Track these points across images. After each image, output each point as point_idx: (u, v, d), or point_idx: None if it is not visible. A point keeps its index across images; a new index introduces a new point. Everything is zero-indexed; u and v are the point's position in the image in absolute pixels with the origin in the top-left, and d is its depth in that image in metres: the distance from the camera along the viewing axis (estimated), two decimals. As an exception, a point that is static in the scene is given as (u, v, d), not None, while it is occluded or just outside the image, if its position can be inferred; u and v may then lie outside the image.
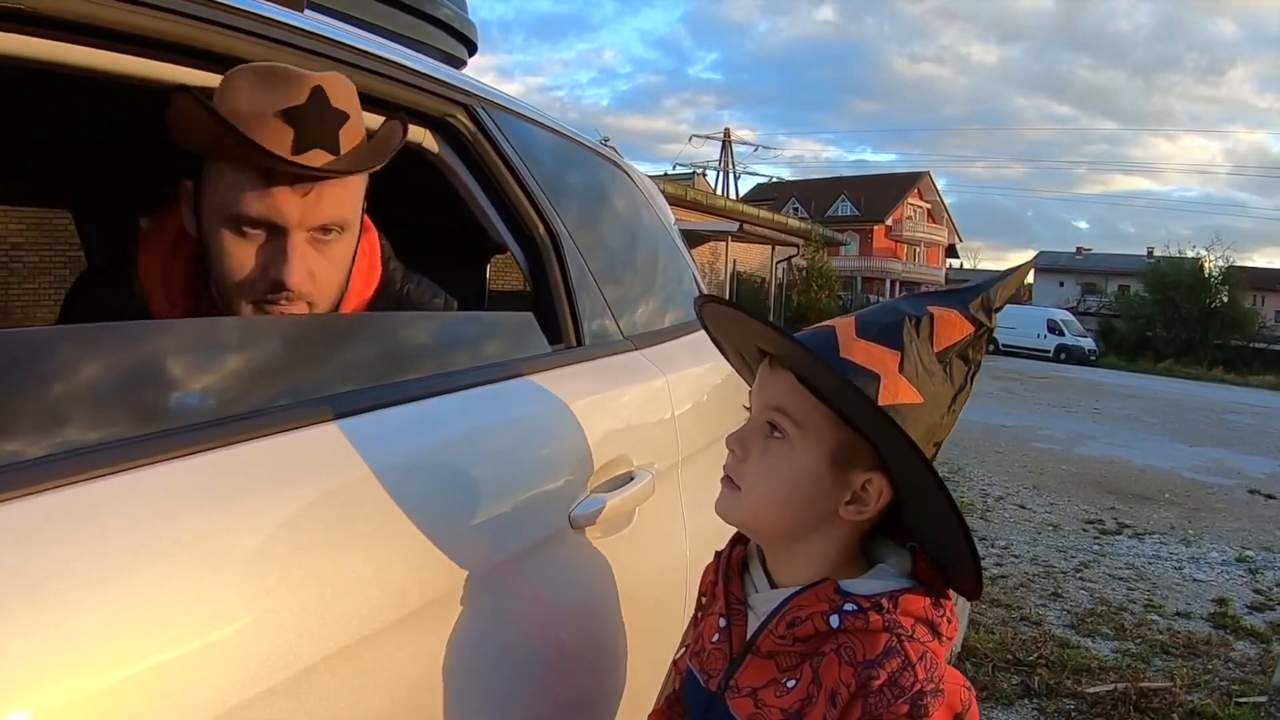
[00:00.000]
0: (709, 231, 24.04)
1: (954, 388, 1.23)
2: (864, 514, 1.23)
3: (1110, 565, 6.95)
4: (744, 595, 1.35)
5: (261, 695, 1.04)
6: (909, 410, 1.17)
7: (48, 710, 0.83)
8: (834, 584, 1.22)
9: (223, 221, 1.44)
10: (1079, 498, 9.52)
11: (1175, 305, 47.63)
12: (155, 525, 1.00)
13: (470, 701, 1.43)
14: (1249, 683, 4.74)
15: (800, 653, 1.22)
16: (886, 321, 1.22)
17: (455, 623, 1.39)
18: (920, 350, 1.20)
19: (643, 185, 2.84)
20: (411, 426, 1.44)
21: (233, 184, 1.41)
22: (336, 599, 1.17)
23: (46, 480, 0.94)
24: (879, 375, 1.17)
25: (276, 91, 1.39)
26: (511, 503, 1.56)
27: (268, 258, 1.45)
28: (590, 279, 2.07)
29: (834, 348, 1.20)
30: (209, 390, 1.20)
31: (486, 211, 1.90)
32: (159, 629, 0.96)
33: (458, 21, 2.30)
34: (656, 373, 2.16)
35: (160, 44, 1.30)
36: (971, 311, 1.24)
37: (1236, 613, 5.96)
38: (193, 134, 1.40)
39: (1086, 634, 5.36)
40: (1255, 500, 10.25)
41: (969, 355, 1.24)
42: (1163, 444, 14.34)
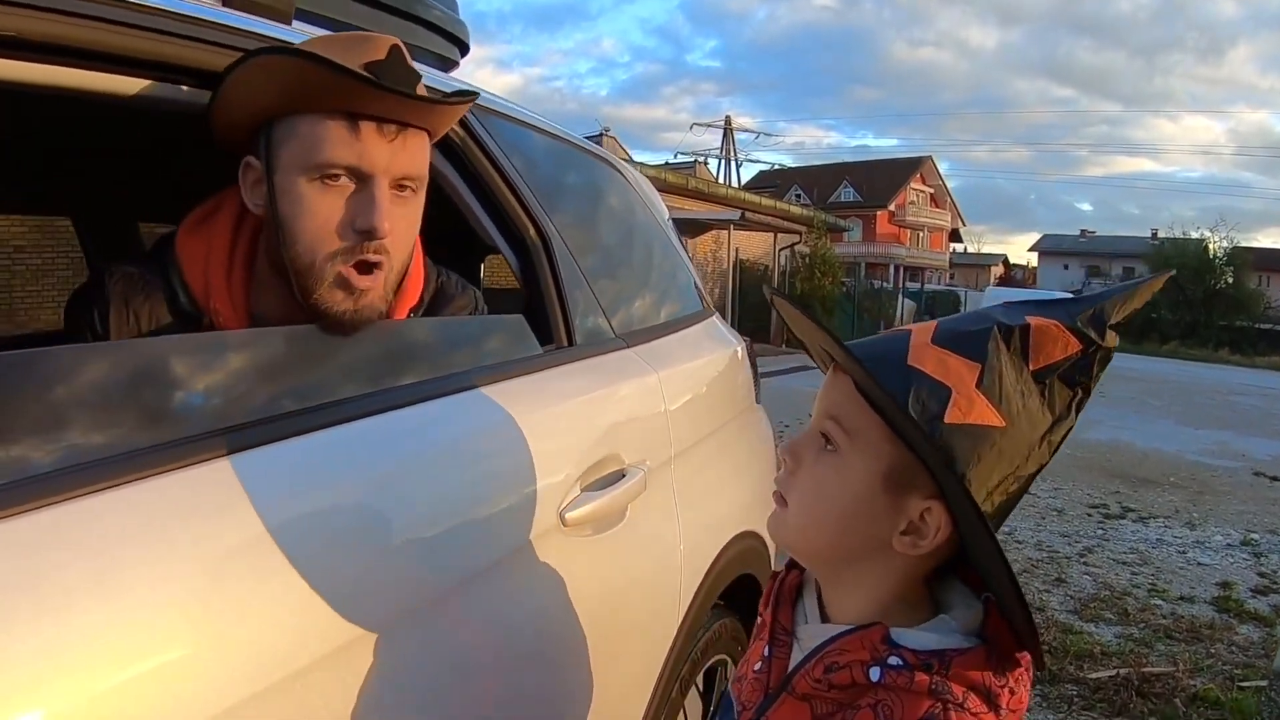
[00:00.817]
0: (711, 220, 23.99)
1: (1051, 415, 1.07)
2: (920, 548, 1.07)
3: (1114, 550, 6.96)
4: (792, 626, 1.21)
5: (258, 695, 1.07)
6: (983, 433, 1.02)
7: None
8: (884, 631, 1.07)
9: (304, 173, 1.42)
10: (1083, 482, 9.52)
11: (1180, 287, 47.42)
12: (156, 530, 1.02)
13: (466, 700, 1.45)
14: (1252, 667, 4.75)
15: (836, 700, 1.07)
16: (971, 329, 1.07)
17: (449, 623, 1.41)
18: (1008, 365, 1.05)
19: (636, 183, 2.85)
20: (400, 432, 1.45)
21: (318, 133, 1.41)
22: (330, 601, 1.19)
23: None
24: (950, 389, 1.02)
25: (357, 48, 1.41)
26: (502, 504, 1.58)
27: (355, 207, 1.43)
28: (581, 278, 2.08)
29: (903, 353, 1.06)
30: (218, 397, 1.23)
31: (477, 214, 1.91)
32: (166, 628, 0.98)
33: (449, 23, 2.30)
34: (648, 370, 2.18)
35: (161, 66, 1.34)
36: (1079, 325, 1.07)
37: (1240, 596, 5.97)
38: (278, 89, 1.39)
39: (1090, 619, 5.37)
40: (1260, 483, 10.25)
41: (1075, 379, 1.07)
42: (1168, 427, 14.34)
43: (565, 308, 1.98)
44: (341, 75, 1.35)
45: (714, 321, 2.98)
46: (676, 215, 17.91)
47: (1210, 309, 47.62)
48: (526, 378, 1.77)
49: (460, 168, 1.88)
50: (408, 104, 1.43)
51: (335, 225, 1.43)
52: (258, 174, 1.48)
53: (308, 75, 1.36)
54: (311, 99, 1.40)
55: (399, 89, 1.40)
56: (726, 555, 2.35)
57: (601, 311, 2.14)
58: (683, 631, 2.14)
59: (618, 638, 1.76)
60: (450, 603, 1.42)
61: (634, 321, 2.34)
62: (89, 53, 1.23)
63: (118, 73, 1.30)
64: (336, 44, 1.43)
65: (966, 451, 1.01)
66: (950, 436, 1.01)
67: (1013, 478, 1.05)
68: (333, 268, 1.44)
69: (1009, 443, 1.03)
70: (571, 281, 2.03)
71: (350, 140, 1.41)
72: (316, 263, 1.44)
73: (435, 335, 1.70)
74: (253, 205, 1.51)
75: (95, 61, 1.25)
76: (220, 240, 1.57)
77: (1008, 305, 1.12)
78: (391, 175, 1.46)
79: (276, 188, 1.45)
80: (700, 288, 3.05)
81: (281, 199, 1.44)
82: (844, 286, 31.93)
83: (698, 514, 2.23)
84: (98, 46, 1.23)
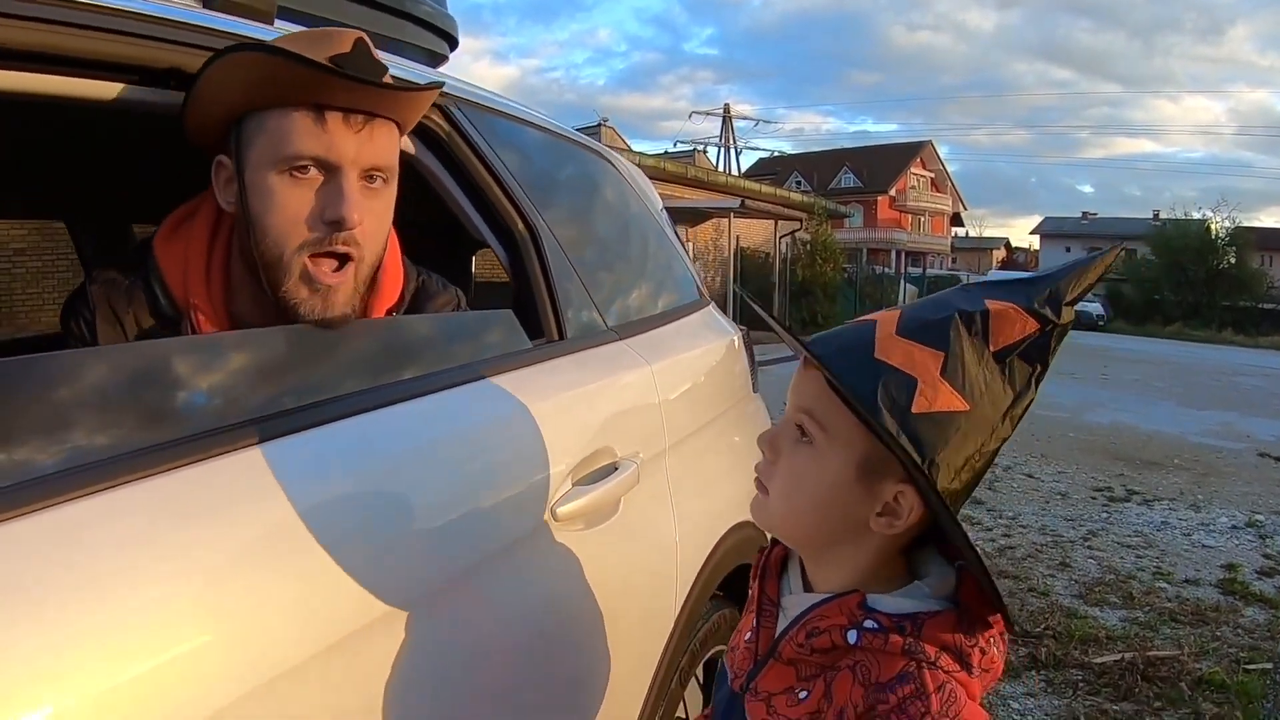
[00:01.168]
0: (711, 209, 23.99)
1: (1013, 392, 1.11)
2: (896, 528, 1.13)
3: (1119, 533, 6.95)
4: (778, 596, 1.28)
5: (246, 695, 1.07)
6: (949, 418, 1.07)
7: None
8: (861, 597, 1.13)
9: (273, 167, 1.43)
10: (1087, 465, 9.52)
11: (1182, 268, 47.45)
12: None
13: (460, 694, 1.45)
14: (1258, 649, 4.74)
15: (819, 664, 1.14)
16: (933, 318, 1.11)
17: (442, 618, 1.41)
18: (969, 350, 1.09)
19: (628, 173, 2.84)
20: (388, 431, 1.45)
21: (285, 127, 1.42)
22: (323, 597, 1.20)
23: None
24: (916, 379, 1.07)
25: (322, 43, 1.42)
26: (492, 500, 1.57)
27: (324, 199, 1.44)
28: (572, 272, 2.08)
29: (869, 347, 1.10)
30: (204, 400, 1.23)
31: (465, 209, 1.91)
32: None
33: (437, 18, 2.29)
34: (641, 362, 2.17)
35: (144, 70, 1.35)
36: (1035, 306, 1.10)
37: (1246, 579, 5.96)
38: (244, 85, 1.40)
39: (1094, 604, 5.36)
40: (1265, 463, 10.24)
41: (1034, 356, 1.11)
42: (1171, 408, 14.34)
43: (555, 301, 1.97)
44: (305, 67, 1.35)
45: (710, 311, 2.98)
46: (676, 204, 17.77)
47: (1213, 290, 47.55)
48: (516, 372, 1.76)
49: (446, 162, 1.88)
50: (373, 93, 1.44)
51: (304, 217, 1.44)
52: (229, 171, 1.49)
53: (273, 70, 1.37)
54: (278, 93, 1.41)
55: (362, 76, 1.40)
56: (724, 546, 2.34)
57: (593, 304, 2.14)
58: (680, 623, 2.14)
59: (613, 630, 1.76)
60: (441, 600, 1.42)
61: (627, 313, 2.34)
62: (75, 60, 1.24)
63: (104, 78, 1.31)
64: (303, 39, 1.44)
65: (933, 438, 1.07)
66: (918, 425, 1.06)
67: (978, 454, 1.10)
68: (299, 260, 1.45)
69: (973, 424, 1.08)
70: (561, 274, 2.02)
71: (317, 132, 1.42)
72: (285, 255, 1.45)
73: (422, 332, 1.70)
74: (225, 203, 1.52)
75: (82, 68, 1.26)
76: (198, 243, 1.58)
77: (966, 288, 1.16)
78: (360, 166, 1.46)
79: (247, 183, 1.46)
80: (696, 277, 3.04)
81: (252, 194, 1.45)
82: (845, 273, 31.95)
83: (694, 505, 2.22)
84: (83, 54, 1.24)
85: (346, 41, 1.43)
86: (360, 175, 1.47)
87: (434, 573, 1.42)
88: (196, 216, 1.61)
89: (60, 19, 1.18)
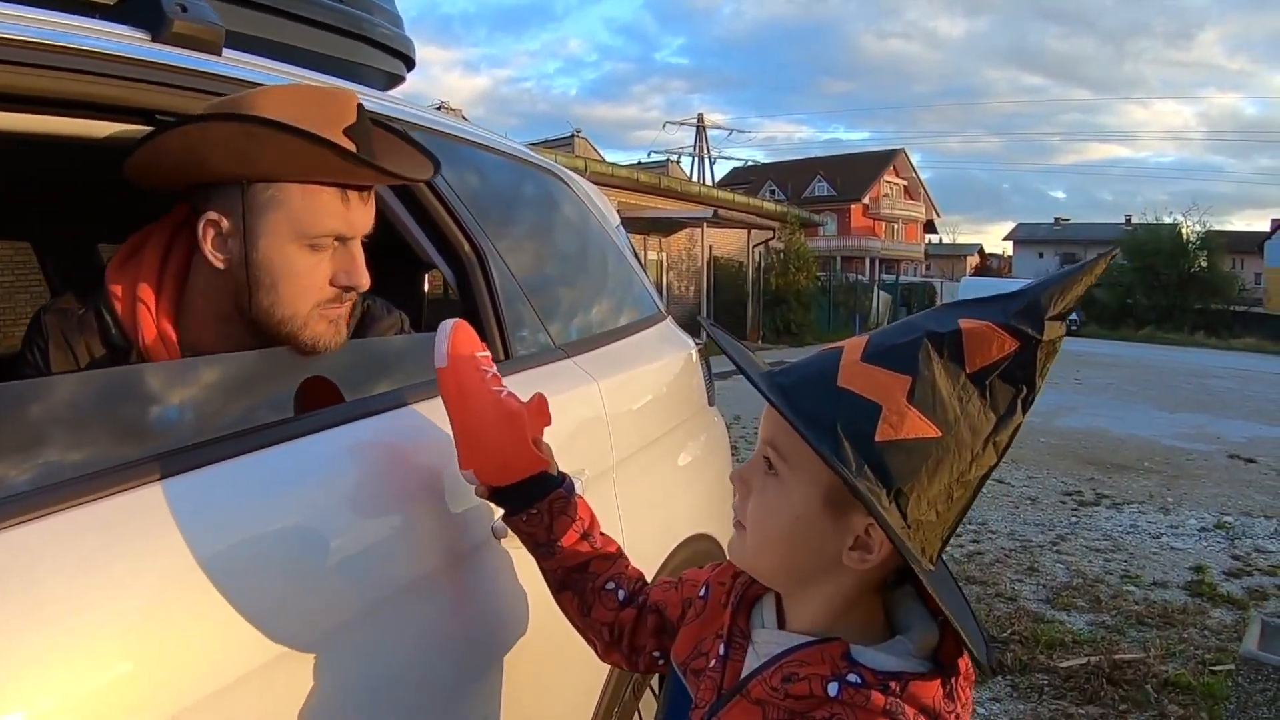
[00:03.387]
0: (685, 219, 24.02)
1: (995, 416, 1.05)
2: (868, 562, 1.08)
3: (1087, 537, 7.01)
4: (749, 629, 1.23)
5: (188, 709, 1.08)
6: (918, 446, 1.02)
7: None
8: (844, 647, 1.09)
9: (294, 241, 1.49)
10: (1058, 470, 9.59)
11: (1155, 272, 47.70)
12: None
13: (403, 713, 1.46)
14: (1224, 650, 4.77)
15: (790, 709, 1.09)
16: (900, 342, 1.06)
17: (382, 635, 1.42)
18: (940, 373, 1.03)
19: (582, 191, 2.85)
20: (330, 452, 1.47)
21: (310, 206, 1.48)
22: (259, 617, 1.20)
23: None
24: (879, 405, 1.02)
25: (330, 110, 1.47)
26: (433, 519, 1.59)
27: (339, 265, 1.54)
28: (519, 291, 2.09)
29: (833, 375, 1.06)
30: (149, 426, 1.27)
31: (413, 232, 1.92)
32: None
33: (394, 40, 2.30)
34: (588, 379, 2.18)
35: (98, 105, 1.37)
36: (1011, 322, 1.04)
37: (1214, 580, 6.01)
38: (263, 157, 1.43)
39: (1062, 608, 5.40)
40: (1235, 465, 10.34)
41: (1017, 375, 1.04)
42: (1143, 412, 14.43)
43: (500, 322, 1.98)
44: (350, 162, 1.44)
45: (667, 325, 2.99)
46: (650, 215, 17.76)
47: (1185, 293, 47.84)
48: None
49: (395, 187, 1.89)
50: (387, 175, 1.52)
51: (320, 282, 1.53)
52: (226, 231, 1.50)
53: (305, 152, 1.41)
54: (305, 170, 1.45)
55: (402, 174, 1.54)
56: (677, 558, 2.35)
57: (541, 324, 2.15)
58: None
59: (557, 646, 1.76)
60: (382, 617, 1.43)
61: (576, 331, 2.36)
62: (29, 98, 1.27)
63: (58, 114, 1.34)
64: (308, 105, 1.47)
65: (902, 467, 1.02)
66: (884, 454, 1.02)
67: (958, 483, 1.05)
68: (313, 314, 1.53)
69: (947, 451, 1.03)
70: (509, 295, 2.04)
71: (342, 211, 1.51)
72: (300, 314, 1.52)
73: (364, 356, 1.72)
74: (213, 258, 1.52)
75: (35, 105, 1.29)
76: (147, 276, 1.60)
77: (940, 309, 1.11)
78: (364, 232, 1.56)
79: (260, 251, 1.49)
80: (653, 292, 3.05)
81: (265, 263, 1.49)
82: (819, 281, 31.98)
83: (643, 520, 2.23)
84: (35, 91, 1.27)
85: (350, 108, 1.50)
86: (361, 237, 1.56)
87: (372, 591, 1.42)
88: (145, 250, 1.63)
89: (14, 59, 1.21)
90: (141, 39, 1.44)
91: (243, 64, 1.61)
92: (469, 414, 1.44)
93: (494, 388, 1.46)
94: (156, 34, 1.46)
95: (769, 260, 28.99)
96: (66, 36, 1.29)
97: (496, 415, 1.43)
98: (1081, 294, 1.07)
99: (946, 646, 1.10)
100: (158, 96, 1.42)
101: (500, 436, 1.43)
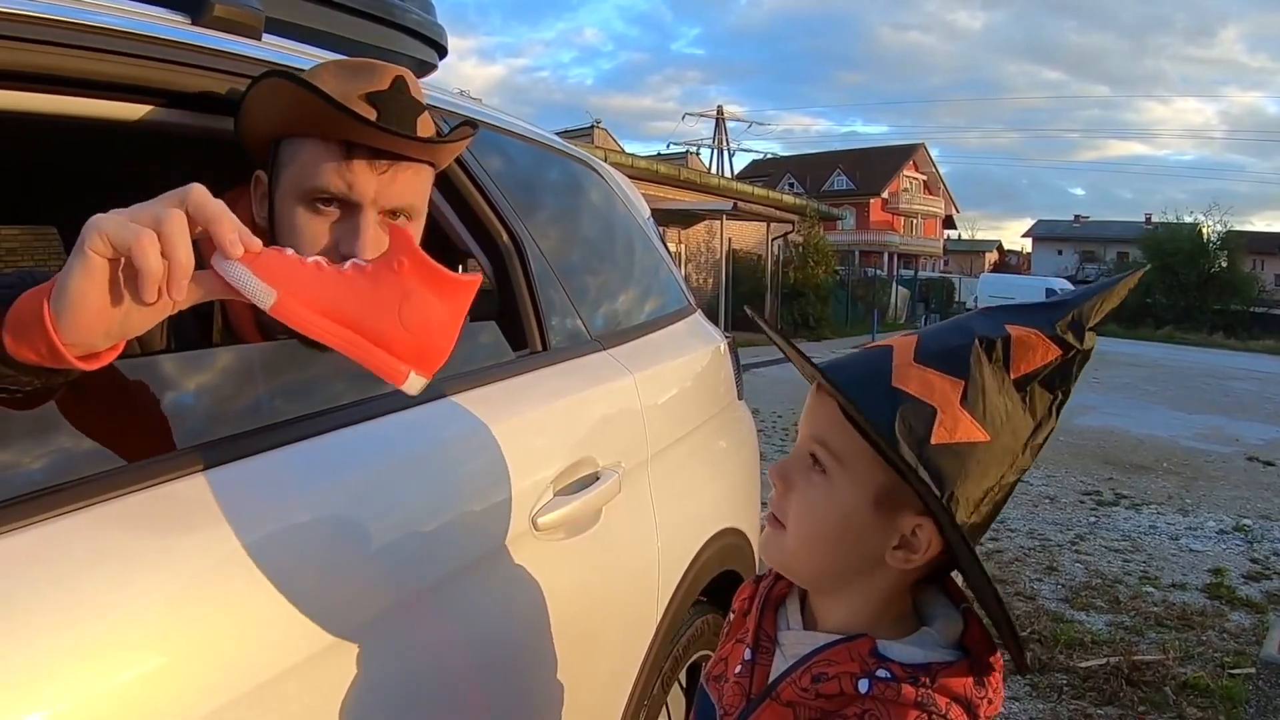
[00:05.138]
0: (704, 211, 23.99)
1: (1033, 421, 1.07)
2: (913, 562, 1.09)
3: (1106, 537, 6.99)
4: (775, 632, 1.23)
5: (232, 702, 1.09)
6: (969, 450, 1.03)
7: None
8: (871, 644, 1.09)
9: (298, 198, 1.45)
10: (1076, 469, 9.56)
11: (1174, 272, 47.42)
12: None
13: (440, 703, 1.47)
14: (1243, 654, 4.76)
15: (821, 709, 1.09)
16: (953, 345, 1.07)
17: (422, 626, 1.43)
18: (990, 378, 1.05)
19: (614, 181, 2.86)
20: (371, 443, 1.47)
21: (312, 160, 1.44)
22: (303, 609, 1.20)
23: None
24: (935, 409, 1.03)
25: (361, 77, 1.44)
26: (472, 510, 1.59)
27: (340, 233, 1.46)
28: (556, 283, 2.09)
29: (886, 374, 1.06)
30: (187, 415, 1.24)
31: (450, 220, 1.92)
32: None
33: (426, 27, 2.30)
34: (624, 372, 2.18)
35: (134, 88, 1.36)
36: (1058, 332, 1.06)
37: (1232, 583, 5.99)
38: (281, 111, 1.43)
39: (1081, 608, 5.39)
40: (1254, 467, 10.29)
41: (1055, 383, 1.07)
42: (1162, 413, 14.38)
43: (539, 312, 1.99)
44: (334, 109, 1.37)
45: (696, 319, 2.99)
46: (669, 206, 17.72)
47: (1204, 293, 47.55)
48: (499, 384, 1.77)
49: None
50: (401, 140, 1.45)
51: (320, 249, 1.45)
52: (264, 189, 1.51)
53: (306, 103, 1.38)
54: (310, 125, 1.43)
55: (389, 128, 1.42)
56: (707, 552, 2.36)
57: (576, 314, 2.15)
58: (662, 629, 2.15)
59: (593, 637, 1.77)
60: (422, 608, 1.44)
61: (610, 323, 2.36)
62: (70, 79, 1.26)
63: (95, 96, 1.32)
64: (345, 70, 1.46)
65: (953, 470, 1.03)
66: (938, 457, 1.03)
67: (998, 487, 1.06)
68: None
69: (994, 455, 1.04)
70: (545, 285, 2.04)
71: (342, 170, 1.43)
72: None
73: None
74: (258, 218, 1.53)
75: (73, 87, 1.28)
76: None
77: (986, 312, 1.12)
78: (380, 206, 1.47)
79: (276, 208, 1.48)
80: (683, 285, 3.05)
81: (279, 218, 1.48)
82: (838, 275, 31.94)
83: (676, 513, 2.24)
84: (78, 73, 1.26)
85: (385, 78, 1.45)
86: (381, 214, 1.48)
87: (414, 580, 1.43)
88: (235, 211, 1.62)
89: (55, 40, 1.20)
90: (182, 22, 1.44)
91: (282, 48, 1.61)
92: (345, 313, 1.08)
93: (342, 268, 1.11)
94: (197, 17, 1.46)
95: (787, 254, 28.94)
96: (105, 18, 1.28)
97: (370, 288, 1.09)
98: (1117, 306, 1.10)
99: (971, 634, 1.12)
100: (197, 80, 1.42)
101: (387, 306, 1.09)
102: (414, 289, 1.09)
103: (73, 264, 0.97)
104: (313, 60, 1.64)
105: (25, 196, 2.63)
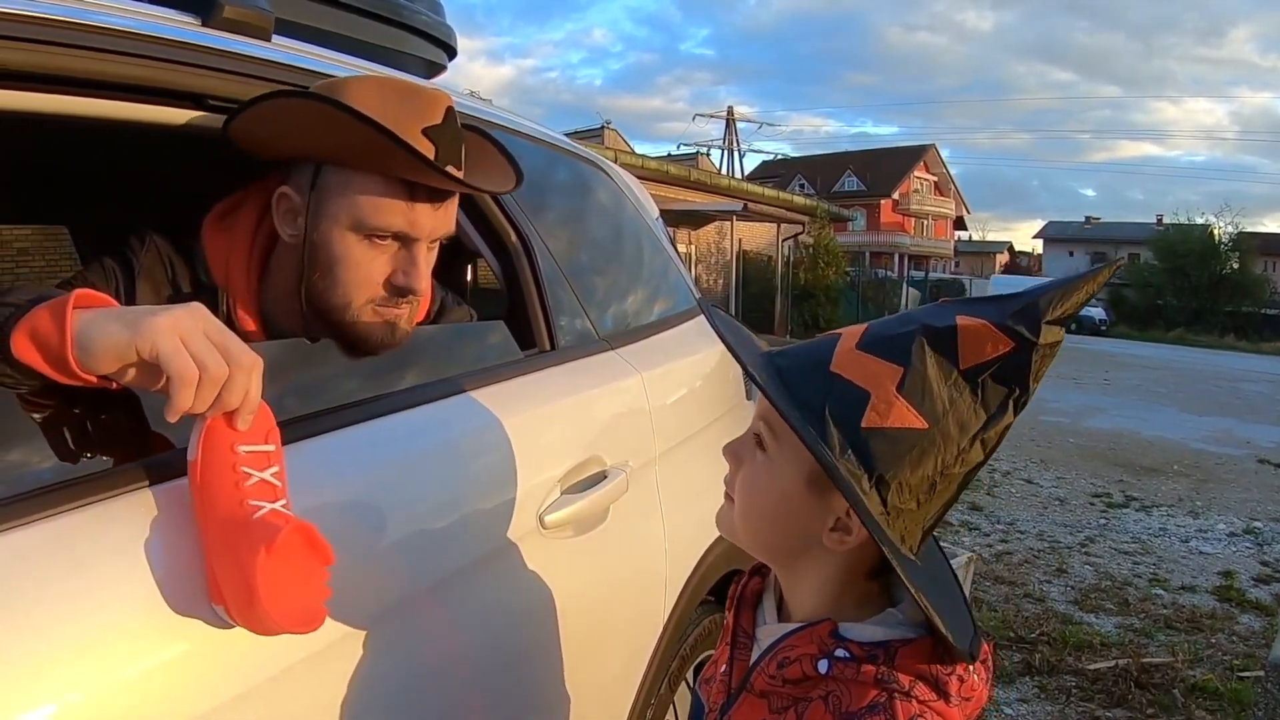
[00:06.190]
0: (714, 211, 23.96)
1: (985, 414, 1.05)
2: (847, 544, 1.09)
3: (1116, 539, 6.96)
4: (753, 628, 1.26)
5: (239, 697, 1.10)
6: (903, 435, 1.03)
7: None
8: (832, 626, 1.10)
9: (353, 228, 1.48)
10: (1086, 471, 9.52)
11: (1185, 273, 47.36)
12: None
13: (446, 699, 1.48)
14: (1252, 656, 4.74)
15: (791, 695, 1.11)
16: (896, 332, 1.08)
17: (429, 623, 1.45)
18: (932, 367, 1.04)
19: (622, 182, 2.86)
20: (378, 439, 1.48)
21: (372, 198, 1.46)
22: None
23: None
24: (868, 393, 1.04)
25: (418, 108, 1.46)
26: (479, 507, 1.60)
27: (396, 265, 1.51)
28: (564, 282, 2.10)
29: (827, 359, 1.08)
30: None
31: (460, 221, 1.91)
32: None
33: (435, 28, 2.30)
34: (632, 371, 2.19)
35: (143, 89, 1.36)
36: (1007, 322, 1.04)
37: (1242, 586, 5.97)
38: (328, 136, 1.44)
39: (1090, 610, 5.37)
40: (1265, 470, 10.23)
41: (1010, 376, 1.04)
42: (1172, 414, 14.32)
43: (547, 311, 2.00)
44: (402, 150, 1.40)
45: (704, 319, 2.97)
46: (679, 207, 17.65)
47: (1216, 295, 47.44)
48: (507, 383, 1.78)
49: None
50: (466, 186, 1.52)
51: (375, 278, 1.50)
52: (296, 208, 1.52)
53: (361, 134, 1.39)
54: (367, 158, 1.45)
55: (471, 184, 1.52)
56: (714, 552, 2.36)
57: (585, 314, 2.16)
58: (669, 628, 2.16)
59: (600, 636, 1.78)
60: (428, 603, 1.45)
61: (618, 322, 2.36)
62: (78, 80, 1.26)
63: (106, 97, 1.33)
64: (393, 96, 1.47)
65: (885, 454, 1.04)
66: (869, 440, 1.04)
67: (941, 477, 1.06)
68: (365, 310, 1.51)
69: (932, 444, 1.04)
70: (554, 284, 2.04)
71: (405, 210, 1.47)
72: (352, 306, 1.51)
73: (415, 344, 1.72)
74: (285, 234, 1.55)
75: (84, 88, 1.28)
76: (241, 241, 1.61)
77: (939, 305, 1.12)
78: (431, 237, 1.53)
79: (320, 233, 1.49)
80: (691, 284, 3.05)
81: (324, 245, 1.49)
82: (848, 276, 31.90)
83: (683, 512, 2.24)
84: (85, 74, 1.26)
85: (438, 109, 1.47)
86: (428, 242, 1.53)
87: (421, 577, 1.44)
88: (241, 213, 1.63)
89: (66, 41, 1.21)
90: (192, 23, 1.44)
91: (293, 50, 1.62)
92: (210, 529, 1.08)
93: (250, 500, 1.10)
94: (207, 19, 1.46)
95: (798, 255, 28.91)
96: (116, 19, 1.29)
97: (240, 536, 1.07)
98: (1084, 300, 1.07)
99: None
100: (207, 81, 1.42)
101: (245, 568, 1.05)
102: (258, 582, 1.03)
103: (113, 332, 1.01)
104: (322, 61, 1.64)
105: (37, 197, 2.64)
